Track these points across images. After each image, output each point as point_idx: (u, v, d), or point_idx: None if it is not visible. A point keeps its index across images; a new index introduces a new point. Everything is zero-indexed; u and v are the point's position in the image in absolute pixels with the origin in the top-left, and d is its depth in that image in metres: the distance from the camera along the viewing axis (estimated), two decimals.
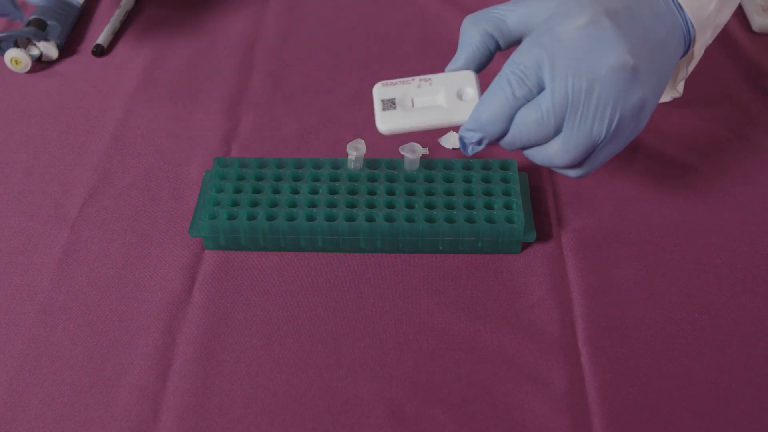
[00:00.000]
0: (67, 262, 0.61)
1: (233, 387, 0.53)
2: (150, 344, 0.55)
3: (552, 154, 0.52)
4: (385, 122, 0.53)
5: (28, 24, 0.79)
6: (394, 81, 0.55)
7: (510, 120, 0.51)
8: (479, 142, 0.53)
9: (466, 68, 0.55)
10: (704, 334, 0.56)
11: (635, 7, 0.51)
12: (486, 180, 0.63)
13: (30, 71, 0.78)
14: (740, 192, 0.66)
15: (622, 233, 0.63)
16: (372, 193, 0.62)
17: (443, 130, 0.71)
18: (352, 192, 0.62)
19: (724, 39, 0.83)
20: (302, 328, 0.56)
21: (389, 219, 0.60)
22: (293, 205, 0.61)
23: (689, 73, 0.60)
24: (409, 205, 0.61)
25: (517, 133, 0.52)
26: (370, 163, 0.64)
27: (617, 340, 0.56)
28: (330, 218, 0.60)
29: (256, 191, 0.62)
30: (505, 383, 0.53)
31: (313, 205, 0.61)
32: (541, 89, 0.50)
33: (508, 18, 0.54)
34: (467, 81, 0.54)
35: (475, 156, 0.68)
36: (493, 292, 0.59)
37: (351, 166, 0.63)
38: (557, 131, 0.51)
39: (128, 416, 0.51)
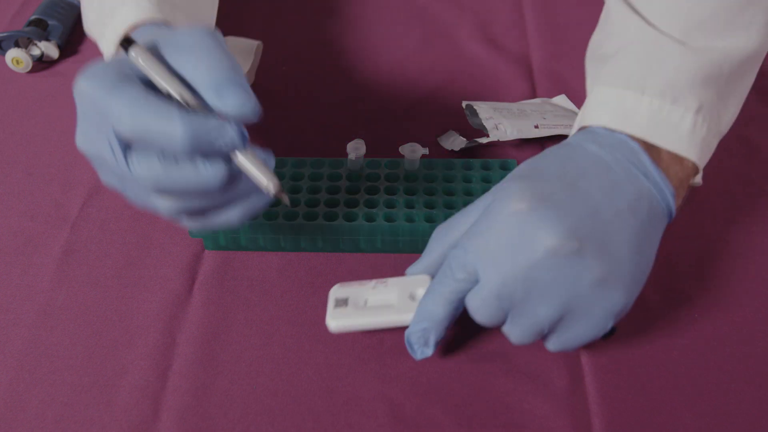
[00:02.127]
0: (67, 262, 0.61)
1: (233, 387, 0.53)
2: (150, 344, 0.55)
3: (507, 333, 0.51)
4: (336, 318, 0.53)
5: (29, 24, 0.79)
6: (351, 283, 0.55)
7: (453, 304, 0.50)
8: (426, 337, 0.51)
9: (425, 273, 0.54)
10: (704, 334, 0.56)
11: (582, 183, 0.50)
12: (486, 180, 0.63)
13: (31, 71, 0.78)
14: (739, 192, 0.66)
15: None
16: (372, 192, 0.62)
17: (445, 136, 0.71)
18: (352, 191, 0.62)
19: None
20: (302, 328, 0.56)
21: (389, 219, 0.60)
22: (294, 205, 0.61)
23: (699, 179, 0.60)
24: (409, 205, 0.61)
25: (471, 314, 0.51)
26: (369, 163, 0.64)
27: (617, 340, 0.56)
28: (330, 218, 0.60)
29: None
30: (505, 383, 0.53)
31: (313, 204, 0.61)
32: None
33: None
34: (421, 283, 0.54)
35: (475, 156, 0.68)
36: None
37: (351, 166, 0.63)
38: (506, 314, 0.50)
39: (128, 416, 0.51)
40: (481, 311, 0.50)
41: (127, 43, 0.46)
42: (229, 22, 0.85)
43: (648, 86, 0.53)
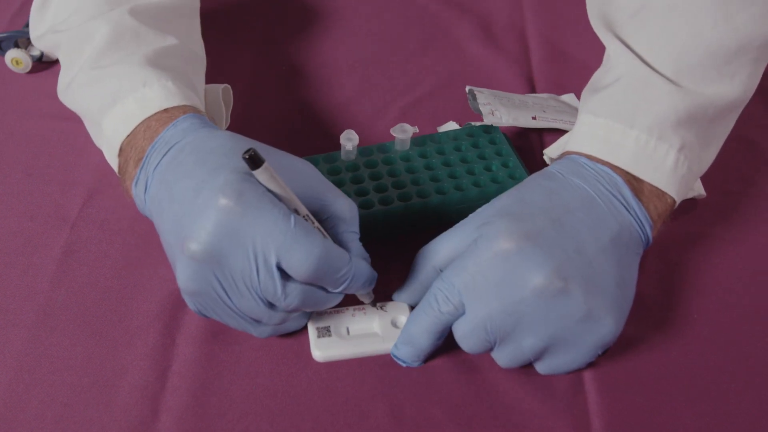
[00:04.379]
0: (67, 262, 0.61)
1: (233, 387, 0.53)
2: (149, 344, 0.55)
3: (495, 359, 0.53)
4: (321, 349, 0.54)
5: (29, 24, 0.79)
6: (328, 310, 0.55)
7: (437, 334, 0.52)
8: (410, 357, 0.53)
9: (413, 300, 0.56)
10: (704, 334, 0.56)
11: (567, 218, 0.52)
12: (475, 146, 0.65)
13: (30, 71, 0.78)
14: (739, 192, 0.66)
15: None
16: (376, 178, 0.62)
17: None
18: (357, 181, 0.62)
19: None
20: (302, 327, 0.56)
21: (403, 198, 0.60)
22: None
23: (702, 190, 0.63)
24: (416, 182, 0.62)
25: (458, 341, 0.52)
26: (361, 151, 0.64)
27: (617, 341, 0.55)
28: None
29: None
30: (505, 383, 0.53)
31: None
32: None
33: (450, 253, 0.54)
34: (401, 310, 0.56)
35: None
36: None
37: (345, 157, 0.64)
38: (493, 344, 0.51)
39: (128, 416, 0.51)
40: (467, 341, 0.52)
41: (252, 159, 0.47)
42: (232, 21, 0.85)
43: (637, 121, 0.55)
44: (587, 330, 0.50)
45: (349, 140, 0.63)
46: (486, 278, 0.50)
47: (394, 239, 0.61)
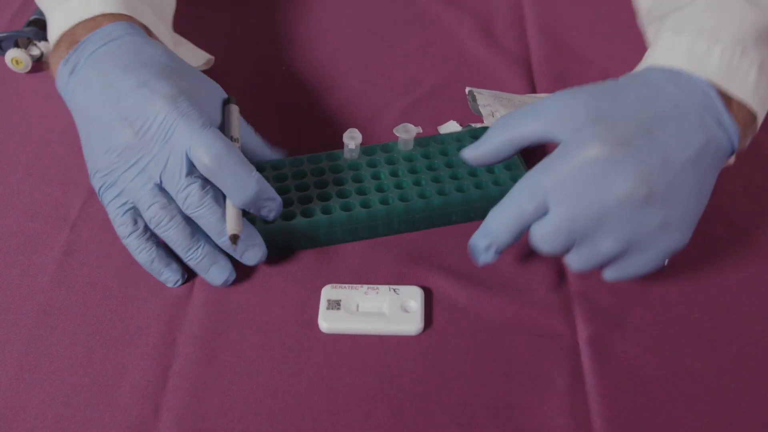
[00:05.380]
0: (67, 262, 0.61)
1: (233, 387, 0.53)
2: (150, 344, 0.55)
3: (569, 262, 0.54)
4: (328, 321, 0.56)
5: (29, 24, 0.79)
6: (342, 285, 0.58)
7: (517, 231, 0.54)
8: (488, 249, 0.55)
9: (474, 156, 0.57)
10: (704, 334, 0.56)
11: (658, 129, 0.52)
12: None
13: (30, 71, 0.78)
14: (740, 192, 0.66)
15: None
16: (377, 177, 0.63)
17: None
18: (359, 180, 0.62)
19: None
20: (302, 328, 0.56)
21: (403, 199, 0.61)
22: (306, 201, 0.61)
23: (746, 144, 0.59)
24: (417, 183, 0.62)
25: (536, 243, 0.53)
26: (364, 150, 0.65)
27: (618, 339, 0.56)
28: (346, 208, 0.60)
29: None
30: (505, 383, 0.53)
31: (325, 198, 0.61)
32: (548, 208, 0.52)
33: (535, 133, 0.55)
34: (413, 295, 0.57)
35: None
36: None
37: (348, 155, 0.64)
38: (570, 246, 0.53)
39: (128, 416, 0.51)
40: (547, 242, 0.53)
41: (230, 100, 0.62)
42: (232, 20, 0.85)
43: (721, 36, 0.55)
44: (661, 238, 0.52)
45: (352, 139, 0.63)
46: (574, 181, 0.51)
47: (395, 238, 0.61)
